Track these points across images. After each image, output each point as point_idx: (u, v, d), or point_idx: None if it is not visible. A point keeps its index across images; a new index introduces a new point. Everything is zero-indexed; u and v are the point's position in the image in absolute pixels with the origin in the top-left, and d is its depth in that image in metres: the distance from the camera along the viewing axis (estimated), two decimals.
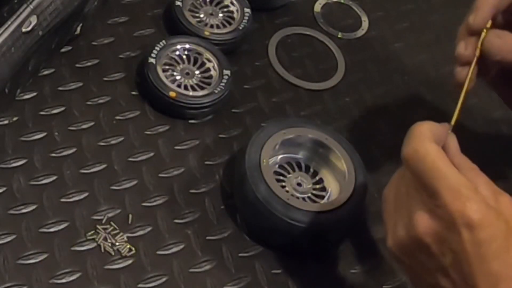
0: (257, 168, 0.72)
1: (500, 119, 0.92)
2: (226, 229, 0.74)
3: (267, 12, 0.93)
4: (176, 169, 0.76)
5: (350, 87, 0.89)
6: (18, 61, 0.70)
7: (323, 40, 0.93)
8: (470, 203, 0.56)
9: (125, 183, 0.74)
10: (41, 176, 0.72)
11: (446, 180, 0.57)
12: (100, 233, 0.70)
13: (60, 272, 0.67)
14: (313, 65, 0.90)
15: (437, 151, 0.58)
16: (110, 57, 0.82)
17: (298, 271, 0.73)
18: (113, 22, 0.86)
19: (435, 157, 0.57)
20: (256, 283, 0.71)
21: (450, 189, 0.56)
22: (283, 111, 0.85)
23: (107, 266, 0.68)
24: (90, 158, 0.74)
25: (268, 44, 0.90)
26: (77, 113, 0.77)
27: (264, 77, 0.87)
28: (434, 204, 0.56)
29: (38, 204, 0.70)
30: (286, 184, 0.75)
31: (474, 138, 0.89)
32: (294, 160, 0.78)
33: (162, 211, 0.73)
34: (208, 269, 0.71)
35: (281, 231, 0.72)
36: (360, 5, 0.98)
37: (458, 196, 0.56)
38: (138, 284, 0.68)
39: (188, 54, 0.82)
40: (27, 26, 0.69)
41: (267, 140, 0.75)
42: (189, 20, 0.85)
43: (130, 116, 0.79)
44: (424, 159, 0.57)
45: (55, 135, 0.75)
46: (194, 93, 0.79)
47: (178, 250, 0.71)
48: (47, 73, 0.79)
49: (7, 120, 0.74)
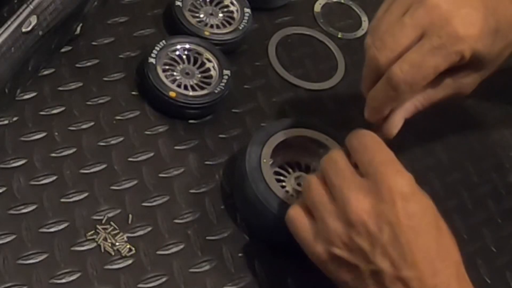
0: (257, 168, 0.72)
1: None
2: (226, 229, 0.74)
3: (267, 12, 0.93)
4: (176, 169, 0.76)
5: (350, 87, 0.89)
6: (18, 61, 0.70)
7: (323, 40, 0.93)
8: (403, 176, 0.61)
9: (125, 183, 0.74)
10: (41, 176, 0.72)
11: (380, 154, 0.63)
12: (100, 233, 0.70)
13: (60, 272, 0.67)
14: (313, 65, 0.90)
15: (371, 134, 0.65)
16: (110, 57, 0.82)
17: (298, 271, 0.73)
18: (113, 22, 0.85)
19: (369, 136, 0.64)
20: (256, 283, 0.71)
21: (384, 163, 0.62)
22: (283, 111, 0.85)
23: (107, 266, 0.68)
24: (90, 158, 0.74)
25: (268, 44, 0.90)
26: (77, 113, 0.77)
27: (264, 77, 0.87)
28: (367, 183, 0.61)
29: (38, 204, 0.70)
30: (286, 184, 0.75)
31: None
32: (294, 160, 0.78)
33: (162, 211, 0.73)
34: (208, 269, 0.71)
35: (281, 231, 0.72)
36: (360, 5, 0.98)
37: (392, 169, 0.61)
38: (138, 284, 0.68)
39: (188, 54, 0.82)
40: (27, 26, 0.69)
41: (267, 140, 0.75)
42: (189, 20, 0.85)
43: (130, 116, 0.79)
44: (362, 137, 0.64)
45: (55, 135, 0.75)
46: (194, 93, 0.79)
47: (178, 250, 0.71)
48: (47, 73, 0.79)
49: (7, 120, 0.74)
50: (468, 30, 0.65)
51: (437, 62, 0.65)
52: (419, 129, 0.85)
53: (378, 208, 0.60)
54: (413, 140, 0.79)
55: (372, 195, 0.61)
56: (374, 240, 0.60)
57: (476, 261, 0.78)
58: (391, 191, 0.60)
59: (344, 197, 0.61)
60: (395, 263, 0.59)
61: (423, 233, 0.60)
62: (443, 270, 0.59)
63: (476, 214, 0.83)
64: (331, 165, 0.64)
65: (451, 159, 0.86)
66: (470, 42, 0.65)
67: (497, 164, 0.88)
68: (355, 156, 0.64)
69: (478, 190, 0.85)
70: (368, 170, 0.62)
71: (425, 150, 0.86)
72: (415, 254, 0.59)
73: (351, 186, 0.62)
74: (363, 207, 0.60)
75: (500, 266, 0.79)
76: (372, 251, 0.60)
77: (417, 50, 0.65)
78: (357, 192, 0.61)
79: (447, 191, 0.83)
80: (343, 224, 0.61)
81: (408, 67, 0.65)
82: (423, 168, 0.84)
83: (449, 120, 0.89)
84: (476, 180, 0.86)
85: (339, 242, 0.62)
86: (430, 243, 0.60)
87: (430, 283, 0.59)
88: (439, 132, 0.87)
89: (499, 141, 0.90)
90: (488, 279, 0.78)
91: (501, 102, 0.93)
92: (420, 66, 0.65)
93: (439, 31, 0.64)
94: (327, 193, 0.63)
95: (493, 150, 0.89)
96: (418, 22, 0.65)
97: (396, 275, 0.59)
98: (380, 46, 0.66)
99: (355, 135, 0.65)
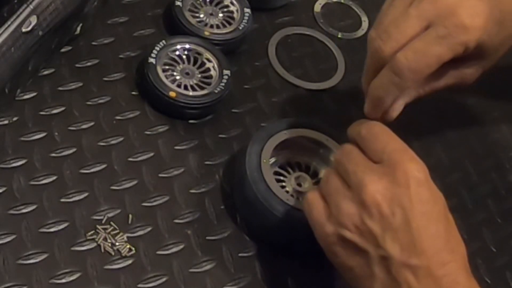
0: (257, 168, 0.72)
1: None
2: (226, 229, 0.74)
3: (267, 12, 0.93)
4: (176, 169, 0.76)
5: (350, 87, 0.89)
6: (18, 61, 0.70)
7: (323, 40, 0.93)
8: (417, 163, 0.62)
9: (125, 183, 0.74)
10: (41, 176, 0.72)
11: (393, 142, 0.64)
12: (100, 233, 0.70)
13: (60, 272, 0.67)
14: (313, 65, 0.90)
15: (379, 124, 0.66)
16: (110, 57, 0.82)
17: (298, 271, 0.73)
18: (113, 22, 0.85)
19: (379, 126, 0.66)
20: (256, 283, 0.71)
21: (398, 150, 0.63)
22: (283, 111, 0.85)
23: (107, 266, 0.68)
24: (90, 158, 0.74)
25: (268, 44, 0.90)
26: (77, 113, 0.77)
27: (264, 77, 0.87)
28: (382, 167, 0.62)
29: (38, 204, 0.70)
30: (286, 184, 0.75)
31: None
32: (294, 160, 0.78)
33: (162, 211, 0.73)
34: (208, 269, 0.71)
35: (281, 231, 0.72)
36: (360, 5, 0.98)
37: (406, 155, 0.62)
38: (138, 284, 0.68)
39: (188, 54, 0.82)
40: (27, 26, 0.69)
41: (267, 140, 0.75)
42: (189, 20, 0.85)
43: (130, 116, 0.79)
44: (372, 127, 0.66)
45: (55, 135, 0.75)
46: (194, 93, 0.79)
47: (178, 250, 0.71)
48: (47, 73, 0.79)
49: (7, 120, 0.74)
50: (474, 20, 0.65)
51: (442, 51, 0.65)
52: (419, 129, 0.85)
53: (393, 191, 0.60)
54: (413, 140, 0.79)
55: (387, 178, 0.61)
56: (386, 224, 0.60)
57: (476, 261, 0.78)
58: (406, 175, 0.60)
59: (359, 180, 0.62)
60: (404, 249, 0.59)
61: (434, 221, 0.60)
62: (451, 261, 0.59)
63: (476, 214, 0.83)
64: (344, 155, 0.65)
65: (451, 159, 0.86)
66: (476, 33, 0.65)
67: (497, 164, 0.88)
68: (364, 144, 0.64)
69: (478, 190, 0.85)
70: (382, 157, 0.62)
71: (425, 150, 0.85)
72: (424, 242, 0.59)
73: (366, 170, 0.62)
74: (378, 189, 0.61)
75: (500, 266, 0.79)
76: (383, 235, 0.60)
77: (423, 38, 0.65)
78: (372, 175, 0.61)
79: (447, 191, 0.82)
80: (356, 205, 0.61)
81: (412, 54, 0.65)
82: None
83: (449, 120, 0.89)
84: (476, 180, 0.86)
85: (351, 225, 0.61)
86: (440, 232, 0.60)
87: (437, 273, 0.59)
88: (439, 132, 0.87)
89: (499, 141, 0.90)
90: (488, 279, 0.78)
91: (501, 102, 0.93)
92: (424, 54, 0.65)
93: (445, 21, 0.64)
94: (341, 181, 0.64)
95: (493, 150, 0.89)
96: (423, 13, 0.65)
97: (404, 262, 0.59)
98: (385, 37, 0.66)
99: (362, 125, 0.66)
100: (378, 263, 0.61)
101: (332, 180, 0.64)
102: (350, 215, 0.62)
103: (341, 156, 0.65)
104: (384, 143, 0.63)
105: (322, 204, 0.65)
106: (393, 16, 0.67)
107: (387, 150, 0.63)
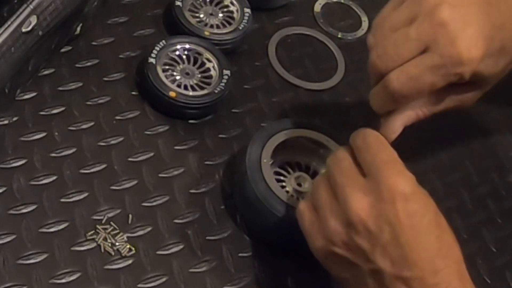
0: (257, 168, 0.72)
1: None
2: (226, 229, 0.74)
3: (267, 12, 0.93)
4: (176, 169, 0.76)
5: (350, 87, 0.89)
6: (18, 61, 0.70)
7: (323, 40, 0.93)
8: (404, 177, 0.61)
9: (125, 183, 0.74)
10: (41, 176, 0.72)
11: (382, 153, 0.63)
12: (100, 233, 0.70)
13: (60, 272, 0.67)
14: (313, 65, 0.90)
15: (375, 133, 0.65)
16: (110, 57, 0.82)
17: (298, 271, 0.73)
18: (113, 22, 0.85)
19: (373, 135, 0.65)
20: (256, 283, 0.71)
21: (386, 163, 0.62)
22: (283, 111, 0.85)
23: (107, 266, 0.68)
24: (90, 158, 0.74)
25: (268, 44, 0.90)
26: (77, 113, 0.77)
27: (264, 77, 0.87)
28: (369, 183, 0.61)
29: (38, 204, 0.70)
30: (286, 184, 0.75)
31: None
32: (294, 160, 0.78)
33: (162, 211, 0.73)
34: (208, 269, 0.71)
35: (281, 231, 0.72)
36: (360, 5, 0.98)
37: (393, 168, 0.61)
38: (138, 284, 0.68)
39: (188, 54, 0.82)
40: (27, 26, 0.69)
41: (267, 140, 0.75)
42: (189, 20, 0.85)
43: (130, 116, 0.79)
44: (366, 136, 0.65)
45: (55, 135, 0.75)
46: (194, 93, 0.79)
47: (178, 250, 0.71)
48: (47, 73, 0.79)
49: (7, 120, 0.74)
50: (471, 53, 0.64)
51: (435, 80, 0.64)
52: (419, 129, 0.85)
53: (378, 208, 0.60)
54: (413, 140, 0.79)
55: (373, 194, 0.61)
56: (374, 240, 0.60)
57: (476, 261, 0.78)
58: (391, 191, 0.60)
59: (345, 196, 0.62)
60: (396, 263, 0.59)
61: (424, 233, 0.60)
62: (444, 268, 0.59)
63: (476, 214, 0.83)
64: (335, 163, 0.65)
65: (451, 159, 0.86)
66: (472, 65, 0.64)
67: (497, 164, 0.88)
68: (358, 155, 0.64)
69: (478, 190, 0.85)
70: (370, 169, 0.62)
71: (425, 150, 0.86)
72: (415, 254, 0.59)
73: (352, 185, 0.62)
74: (363, 207, 0.60)
75: (500, 266, 0.79)
76: (372, 251, 0.60)
77: (417, 64, 0.64)
78: (357, 191, 0.61)
79: (447, 191, 0.83)
80: (342, 223, 0.61)
81: (405, 79, 0.64)
82: (423, 168, 0.83)
83: (449, 120, 0.89)
84: (476, 180, 0.86)
85: (339, 241, 0.62)
86: (431, 242, 0.60)
87: (431, 282, 0.59)
88: (439, 132, 0.87)
89: (499, 141, 0.90)
90: (488, 279, 0.78)
91: (501, 103, 0.93)
92: (417, 80, 0.64)
93: (442, 50, 0.63)
94: (330, 192, 0.64)
95: (493, 150, 0.89)
96: (423, 37, 0.64)
97: (396, 275, 0.59)
98: (382, 53, 0.65)
99: (359, 134, 0.65)
100: (370, 276, 0.61)
101: (322, 191, 0.64)
102: (338, 232, 0.62)
103: (333, 163, 0.65)
104: (373, 155, 0.63)
105: (313, 215, 0.65)
106: (392, 26, 0.66)
107: (375, 162, 0.62)
